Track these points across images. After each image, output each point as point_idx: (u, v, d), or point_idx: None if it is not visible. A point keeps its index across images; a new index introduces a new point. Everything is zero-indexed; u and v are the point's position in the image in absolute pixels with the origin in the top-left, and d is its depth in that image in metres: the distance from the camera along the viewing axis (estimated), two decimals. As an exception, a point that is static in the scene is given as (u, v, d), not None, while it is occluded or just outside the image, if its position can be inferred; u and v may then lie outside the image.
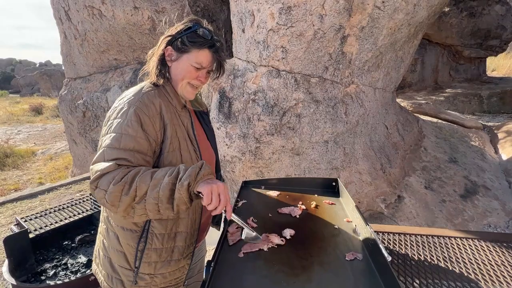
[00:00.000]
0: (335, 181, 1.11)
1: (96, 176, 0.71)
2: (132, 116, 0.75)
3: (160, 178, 0.70)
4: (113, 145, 0.74)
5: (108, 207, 0.71)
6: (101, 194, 0.70)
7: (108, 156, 0.73)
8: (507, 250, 1.03)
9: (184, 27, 0.85)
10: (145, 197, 0.70)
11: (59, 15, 3.86)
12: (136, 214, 0.72)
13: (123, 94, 0.85)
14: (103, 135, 0.77)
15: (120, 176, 0.70)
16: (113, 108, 0.81)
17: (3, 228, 2.75)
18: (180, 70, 0.85)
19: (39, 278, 1.73)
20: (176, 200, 0.70)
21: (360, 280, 0.62)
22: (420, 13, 2.26)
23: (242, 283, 0.63)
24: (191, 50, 0.83)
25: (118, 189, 0.68)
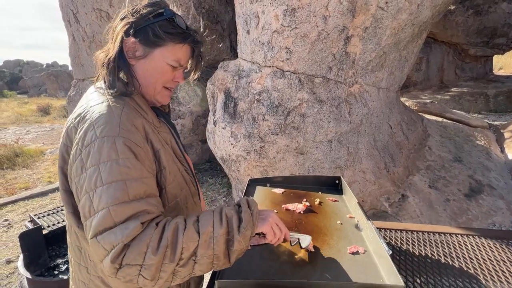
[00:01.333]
0: (338, 179, 1.15)
1: (117, 252, 0.50)
2: (125, 152, 0.55)
3: (210, 231, 0.55)
4: (120, 199, 0.53)
5: (145, 284, 0.52)
6: (132, 271, 0.51)
7: (119, 216, 0.52)
8: (507, 247, 1.05)
9: (151, 12, 0.63)
10: (194, 256, 0.54)
11: (68, 17, 3.95)
12: (179, 278, 0.55)
13: (80, 116, 0.60)
14: (90, 189, 0.54)
15: (156, 240, 0.52)
16: (81, 145, 0.56)
17: (17, 225, 2.84)
18: (151, 70, 0.65)
19: (52, 272, 1.80)
20: (236, 252, 0.57)
21: (361, 272, 0.66)
22: (424, 13, 2.27)
23: (250, 274, 0.67)
24: (166, 44, 0.64)
25: (160, 258, 0.51)
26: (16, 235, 2.64)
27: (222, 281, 0.61)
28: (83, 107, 0.62)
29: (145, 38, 0.63)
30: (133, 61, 0.65)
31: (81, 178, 0.55)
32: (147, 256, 0.51)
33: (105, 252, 0.51)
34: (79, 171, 0.56)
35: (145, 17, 0.63)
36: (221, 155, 2.52)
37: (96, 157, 0.54)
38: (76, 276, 0.70)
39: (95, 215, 0.53)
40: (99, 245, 0.52)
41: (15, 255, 2.37)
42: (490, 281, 0.88)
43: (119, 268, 0.51)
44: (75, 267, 0.69)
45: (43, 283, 1.64)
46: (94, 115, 0.58)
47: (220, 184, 3.60)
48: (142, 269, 0.51)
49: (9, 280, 2.12)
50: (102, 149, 0.54)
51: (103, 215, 0.52)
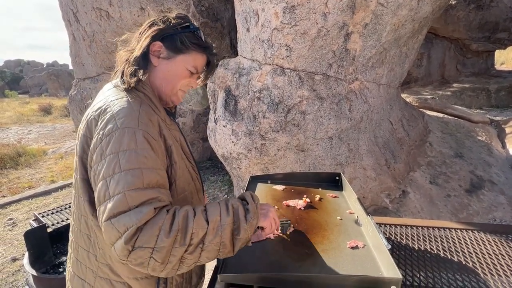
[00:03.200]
0: (338, 175, 1.16)
1: (130, 233, 0.53)
2: (143, 143, 0.60)
3: (217, 220, 0.59)
4: (135, 185, 0.56)
5: (154, 268, 0.55)
6: (144, 254, 0.53)
7: (134, 200, 0.55)
8: (506, 241, 1.06)
9: (179, 23, 0.72)
10: (202, 244, 0.57)
11: (68, 17, 3.96)
12: (186, 265, 0.58)
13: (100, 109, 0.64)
14: (108, 175, 0.57)
15: (168, 224, 0.55)
16: (102, 134, 0.60)
17: (21, 223, 2.88)
18: (172, 72, 0.72)
19: (57, 270, 1.83)
20: (241, 240, 0.60)
21: (360, 266, 0.67)
22: (424, 9, 2.27)
23: (251, 268, 0.68)
24: (189, 52, 0.72)
25: (171, 241, 0.54)
26: (20, 233, 2.68)
27: (224, 275, 0.63)
28: (102, 101, 0.66)
29: (171, 44, 0.71)
30: (156, 62, 0.72)
31: (99, 164, 0.59)
32: (159, 239, 0.53)
33: (118, 234, 0.54)
34: (98, 158, 0.59)
35: (173, 27, 0.71)
36: (222, 153, 2.54)
37: (116, 146, 0.58)
38: (83, 264, 0.73)
39: (110, 199, 0.56)
40: (113, 228, 0.54)
41: (21, 253, 2.41)
42: (488, 275, 0.90)
43: (132, 250, 0.53)
44: (83, 255, 0.72)
45: (49, 280, 1.67)
46: (115, 108, 0.62)
47: (221, 182, 3.62)
48: (153, 251, 0.53)
49: (15, 277, 2.15)
50: (122, 139, 0.58)
51: (119, 199, 0.55)
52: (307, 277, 0.60)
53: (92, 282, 0.72)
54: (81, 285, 0.74)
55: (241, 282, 0.63)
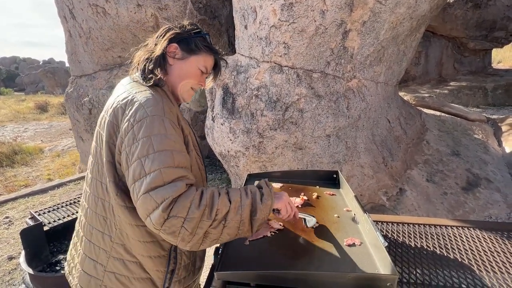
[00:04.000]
0: (335, 173, 1.16)
1: (166, 204, 0.60)
2: (171, 129, 0.68)
3: (238, 200, 0.67)
4: (168, 163, 0.64)
5: (184, 237, 0.62)
6: (177, 222, 0.60)
7: (168, 177, 0.63)
8: (502, 238, 1.07)
9: (193, 29, 0.83)
10: (224, 221, 0.64)
11: (64, 13, 3.91)
12: (209, 240, 0.65)
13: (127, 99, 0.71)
14: (142, 155, 0.64)
15: (198, 199, 0.63)
16: (133, 121, 0.67)
17: (17, 222, 2.86)
18: (185, 70, 0.81)
19: (54, 268, 1.82)
20: (258, 220, 0.68)
21: (357, 263, 0.67)
22: (422, 7, 2.27)
23: (248, 266, 0.68)
24: (200, 53, 0.82)
25: (200, 213, 0.61)
26: (17, 232, 2.66)
27: (221, 273, 0.62)
28: (126, 93, 0.74)
29: (186, 46, 0.81)
30: (172, 62, 0.81)
31: (132, 147, 0.66)
32: (191, 210, 0.61)
33: (156, 204, 0.61)
34: (130, 141, 0.66)
35: (188, 32, 0.83)
36: (220, 151, 2.53)
37: (148, 130, 0.65)
38: (96, 246, 0.78)
39: (146, 176, 0.63)
40: (151, 199, 0.61)
41: (17, 252, 2.39)
42: (484, 272, 0.90)
43: (167, 218, 0.60)
44: (98, 237, 0.78)
45: (45, 278, 1.66)
46: (142, 98, 0.70)
47: (219, 180, 3.62)
48: (185, 221, 0.61)
49: (12, 276, 2.14)
50: (153, 124, 0.66)
51: (155, 175, 0.63)
52: (304, 275, 0.60)
53: (105, 263, 0.76)
54: (93, 266, 0.78)
55: (238, 280, 0.63)
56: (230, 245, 0.76)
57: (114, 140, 0.70)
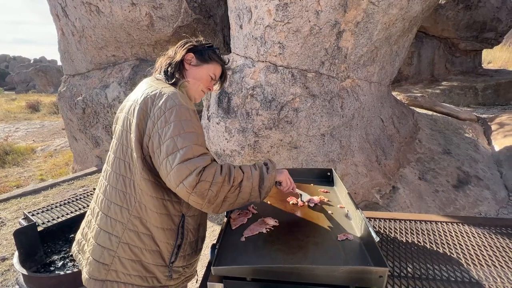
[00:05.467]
0: (329, 171, 1.18)
1: (199, 170, 0.75)
2: (194, 117, 0.83)
3: (249, 171, 0.83)
4: (196, 142, 0.79)
5: (210, 198, 0.76)
6: (205, 185, 0.75)
7: (197, 152, 0.78)
8: (489, 233, 1.11)
9: (206, 43, 1.02)
10: (239, 187, 0.80)
11: (56, 11, 3.85)
12: (227, 203, 0.80)
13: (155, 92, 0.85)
14: (175, 135, 0.78)
15: (220, 168, 0.78)
16: (164, 108, 0.81)
17: (10, 222, 2.82)
18: (198, 75, 0.98)
19: (48, 269, 1.80)
20: (266, 188, 0.84)
21: (350, 257, 0.69)
22: (414, 8, 2.31)
23: (244, 262, 0.70)
24: (212, 63, 1.00)
25: (222, 179, 0.77)
26: (9, 233, 2.62)
27: (218, 268, 0.64)
28: (154, 87, 0.88)
29: (200, 56, 0.98)
30: (188, 67, 0.98)
31: (165, 128, 0.79)
32: (216, 176, 0.76)
33: (189, 171, 0.75)
34: (163, 124, 0.80)
35: (202, 45, 1.00)
36: (215, 150, 2.54)
37: (179, 115, 0.80)
38: (113, 219, 0.88)
39: (179, 150, 0.77)
40: (186, 167, 0.75)
41: (10, 253, 2.36)
42: (471, 265, 0.94)
43: (198, 182, 0.74)
44: (116, 210, 0.88)
45: (40, 279, 1.64)
46: (170, 92, 0.84)
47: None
48: (211, 185, 0.76)
49: (5, 277, 2.11)
50: (181, 111, 0.80)
51: (187, 149, 0.77)
52: (298, 268, 0.62)
53: (120, 234, 0.87)
54: (108, 238, 0.87)
55: (234, 275, 0.64)
56: (227, 242, 0.78)
57: (143, 124, 0.83)
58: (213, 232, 2.45)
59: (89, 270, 0.88)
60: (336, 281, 0.60)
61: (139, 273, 0.86)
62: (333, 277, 0.60)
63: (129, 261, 0.86)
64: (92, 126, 4.11)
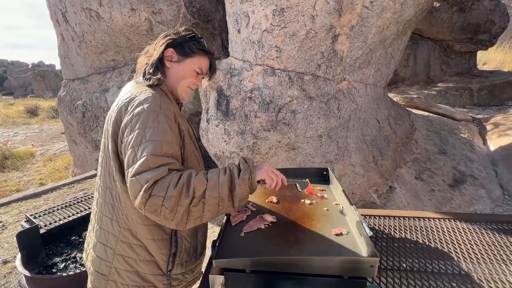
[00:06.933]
0: (325, 170, 1.22)
1: (149, 185, 0.67)
2: (164, 123, 0.75)
3: (216, 178, 0.72)
4: (155, 152, 0.71)
5: (165, 215, 0.67)
6: (157, 201, 0.67)
7: (153, 163, 0.70)
8: (479, 229, 1.15)
9: (187, 34, 0.91)
10: (203, 198, 0.70)
11: (56, 17, 3.90)
12: (192, 218, 0.70)
13: (129, 98, 0.80)
14: (136, 144, 0.72)
15: (176, 179, 0.69)
16: (131, 115, 0.75)
17: (11, 226, 2.83)
18: (182, 72, 0.89)
19: (50, 271, 1.82)
20: (238, 195, 0.72)
21: (344, 250, 0.73)
22: (408, 12, 2.37)
23: (244, 255, 0.74)
24: (195, 56, 0.90)
25: (177, 192, 0.67)
26: (10, 236, 2.64)
27: (218, 261, 0.67)
28: (130, 93, 0.83)
29: (181, 50, 0.89)
30: (169, 65, 0.89)
31: (129, 137, 0.74)
32: (169, 190, 0.67)
33: (140, 186, 0.68)
34: (129, 132, 0.75)
35: (182, 37, 0.90)
36: (215, 152, 2.58)
37: (144, 123, 0.74)
38: (106, 231, 0.87)
39: (137, 162, 0.71)
40: (137, 182, 0.69)
41: (11, 256, 2.38)
42: (461, 258, 0.98)
43: (149, 198, 0.67)
44: (107, 223, 0.86)
45: (42, 280, 1.67)
46: (142, 97, 0.79)
47: (214, 181, 3.64)
48: (164, 200, 0.67)
49: (7, 279, 2.13)
50: (148, 118, 0.75)
51: (142, 161, 0.70)
52: (295, 260, 0.66)
53: (114, 246, 0.85)
54: (104, 250, 0.86)
55: (234, 267, 0.68)
56: (227, 237, 0.82)
57: (118, 133, 0.79)
58: (213, 233, 2.47)
59: (91, 279, 0.89)
60: (330, 271, 0.64)
61: (137, 283, 0.84)
62: (327, 267, 0.64)
63: (125, 272, 0.84)
64: (92, 130, 4.14)
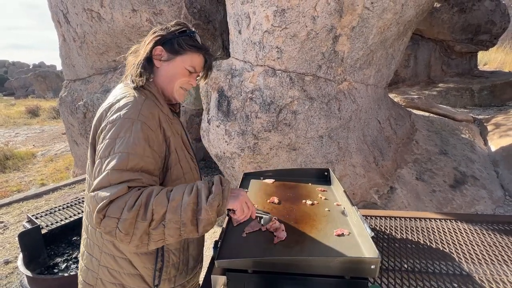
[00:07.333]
0: (327, 171, 1.23)
1: (103, 204, 0.61)
2: (138, 132, 0.68)
3: (179, 199, 0.63)
4: (119, 166, 0.64)
5: (121, 238, 0.61)
6: (111, 223, 0.61)
7: (114, 179, 0.64)
8: (481, 230, 1.15)
9: (177, 29, 0.82)
10: (163, 221, 0.62)
11: (58, 18, 3.92)
12: (152, 241, 0.64)
13: (110, 103, 0.74)
14: (103, 156, 0.66)
15: (133, 200, 0.62)
16: (107, 122, 0.70)
17: (12, 226, 2.84)
18: (172, 72, 0.81)
19: (52, 271, 1.83)
20: (203, 221, 0.64)
21: (345, 250, 0.73)
22: (408, 12, 2.37)
23: (245, 255, 0.74)
24: (186, 53, 0.81)
25: (133, 214, 0.60)
26: (12, 236, 2.65)
27: (221, 261, 0.68)
28: (113, 97, 0.78)
29: (170, 48, 0.80)
30: (159, 64, 0.82)
31: (99, 146, 0.69)
32: (124, 212, 0.61)
33: (96, 204, 0.62)
34: (100, 141, 0.70)
35: (172, 33, 0.82)
36: (215, 153, 2.58)
37: (115, 132, 0.68)
38: (91, 241, 0.83)
39: (99, 176, 0.66)
40: (94, 199, 0.63)
41: (13, 256, 2.39)
42: (463, 259, 0.98)
43: (103, 218, 0.61)
44: (92, 233, 0.83)
45: (44, 280, 1.67)
46: (122, 101, 0.73)
47: (215, 182, 3.64)
48: (119, 222, 0.61)
49: (9, 280, 2.14)
50: (121, 127, 0.68)
51: (103, 176, 0.65)
52: (296, 260, 0.66)
53: (99, 257, 0.81)
54: (90, 260, 0.83)
55: (236, 267, 0.68)
56: (229, 237, 0.82)
57: (96, 140, 0.74)
58: (214, 233, 2.48)
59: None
60: (331, 271, 0.64)
61: None
62: (328, 267, 0.64)
63: (111, 284, 0.80)
64: (93, 130, 4.15)
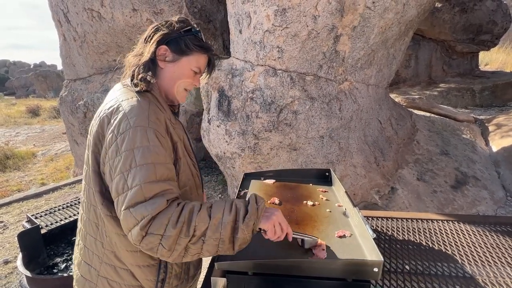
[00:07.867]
0: (328, 171, 1.22)
1: (145, 221, 0.60)
2: (155, 140, 0.66)
3: (219, 217, 0.63)
4: (149, 178, 0.62)
5: (162, 253, 0.61)
6: (154, 240, 0.60)
7: (149, 192, 0.62)
8: (483, 231, 1.14)
9: (182, 27, 0.77)
10: (204, 237, 0.62)
11: (58, 17, 3.91)
12: (189, 254, 0.64)
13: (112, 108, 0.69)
14: (125, 170, 0.63)
15: (176, 216, 0.61)
16: (116, 133, 0.66)
17: (12, 226, 2.84)
18: (177, 72, 0.77)
19: (51, 271, 1.82)
20: (240, 240, 0.64)
21: (347, 252, 0.72)
22: (410, 12, 2.36)
23: (246, 257, 0.73)
24: (192, 54, 0.77)
25: (177, 231, 0.60)
26: (12, 236, 2.64)
27: (221, 263, 0.67)
28: (113, 100, 0.72)
29: (176, 47, 0.76)
30: (163, 65, 0.77)
31: (115, 160, 0.65)
32: (167, 228, 0.60)
33: (136, 221, 0.61)
34: (114, 154, 0.65)
35: (177, 31, 0.77)
36: (216, 153, 2.57)
37: (131, 143, 0.64)
38: (90, 251, 0.79)
39: (128, 191, 0.63)
40: (131, 216, 0.61)
41: (12, 256, 2.38)
42: (465, 261, 0.97)
43: (145, 235, 0.60)
44: (91, 242, 0.79)
45: (44, 280, 1.66)
46: (127, 107, 0.68)
47: (215, 182, 3.65)
48: (162, 239, 0.60)
49: (8, 280, 2.13)
50: (135, 137, 0.64)
51: (136, 191, 0.62)
52: (297, 262, 0.65)
53: (98, 268, 0.78)
54: (88, 270, 0.79)
55: (236, 269, 0.67)
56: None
57: (99, 149, 0.69)
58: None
59: None
60: (333, 274, 0.63)
61: None
62: (330, 270, 0.63)
63: None
64: (93, 130, 4.15)
